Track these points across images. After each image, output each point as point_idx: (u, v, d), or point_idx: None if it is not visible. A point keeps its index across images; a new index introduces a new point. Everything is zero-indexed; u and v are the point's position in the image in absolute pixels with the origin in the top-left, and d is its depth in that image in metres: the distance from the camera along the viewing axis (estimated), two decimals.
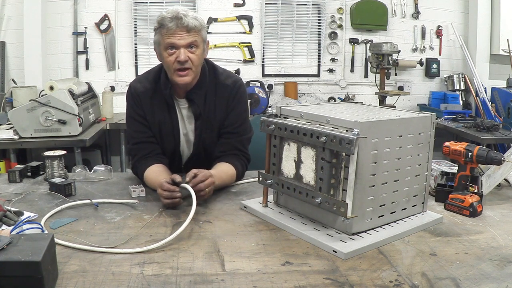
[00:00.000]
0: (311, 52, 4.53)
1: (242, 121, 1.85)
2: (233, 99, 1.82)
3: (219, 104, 1.81)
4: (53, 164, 1.79)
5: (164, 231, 1.33)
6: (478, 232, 1.34)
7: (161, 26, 1.66)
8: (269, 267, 1.12)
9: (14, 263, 0.92)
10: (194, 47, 1.69)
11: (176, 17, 1.63)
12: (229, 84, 1.82)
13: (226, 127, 1.82)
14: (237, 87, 1.83)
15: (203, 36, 1.72)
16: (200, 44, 1.71)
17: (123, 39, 4.25)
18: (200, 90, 1.79)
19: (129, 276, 1.06)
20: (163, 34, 1.67)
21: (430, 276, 1.07)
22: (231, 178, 1.77)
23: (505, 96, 3.91)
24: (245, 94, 1.88)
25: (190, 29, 1.66)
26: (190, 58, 1.68)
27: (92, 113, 3.55)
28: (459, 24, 4.60)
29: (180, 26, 1.64)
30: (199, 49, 1.70)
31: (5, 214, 1.34)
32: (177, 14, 1.63)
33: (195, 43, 1.69)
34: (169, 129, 1.82)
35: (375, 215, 1.30)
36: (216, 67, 1.87)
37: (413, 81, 4.66)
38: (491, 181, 1.66)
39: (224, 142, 1.83)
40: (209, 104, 1.81)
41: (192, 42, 1.67)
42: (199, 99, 1.79)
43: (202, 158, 1.86)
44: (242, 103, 1.85)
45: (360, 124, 1.19)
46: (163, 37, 1.67)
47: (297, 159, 1.35)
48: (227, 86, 1.82)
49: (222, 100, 1.81)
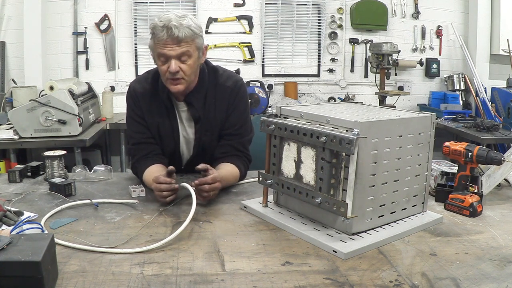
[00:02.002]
0: (311, 52, 4.53)
1: (243, 122, 1.83)
2: (233, 100, 1.80)
3: (219, 106, 1.80)
4: (53, 164, 1.79)
5: (164, 231, 1.33)
6: (478, 232, 1.34)
7: (153, 34, 1.63)
8: (269, 267, 1.12)
9: (14, 263, 0.92)
10: (186, 56, 1.63)
11: (167, 27, 1.57)
12: (229, 85, 1.80)
13: (227, 128, 1.81)
14: (237, 88, 1.81)
15: (197, 44, 1.65)
16: (193, 53, 1.65)
17: (123, 39, 4.25)
18: (198, 94, 1.77)
19: (129, 276, 1.06)
20: (155, 42, 1.64)
21: (430, 276, 1.07)
22: (235, 180, 1.77)
23: (505, 96, 3.91)
24: (245, 95, 1.87)
25: (181, 40, 1.59)
26: (181, 68, 1.64)
27: (92, 113, 3.55)
28: (459, 24, 4.60)
29: (171, 37, 1.58)
30: (191, 58, 1.65)
31: (5, 214, 1.34)
32: (168, 24, 1.57)
33: (187, 53, 1.63)
34: (169, 131, 1.81)
35: (375, 215, 1.30)
36: (217, 69, 1.84)
37: (413, 81, 4.66)
38: (491, 181, 1.66)
39: (225, 144, 1.82)
40: (209, 107, 1.79)
41: (183, 53, 1.62)
42: (198, 102, 1.77)
43: (202, 159, 1.85)
44: (242, 104, 1.83)
45: (360, 124, 1.19)
46: (155, 46, 1.64)
47: (297, 159, 1.35)
48: (227, 87, 1.80)
49: (223, 101, 1.80)
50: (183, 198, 1.58)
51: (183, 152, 1.89)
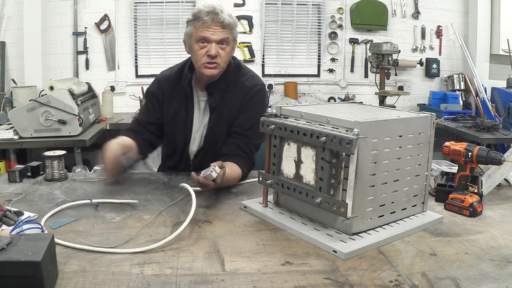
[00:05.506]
0: (311, 52, 4.53)
1: (252, 125, 1.79)
2: (248, 101, 1.82)
3: (234, 103, 1.83)
4: (53, 164, 1.79)
5: (164, 231, 1.33)
6: (478, 232, 1.34)
7: (196, 18, 1.70)
8: (269, 267, 1.12)
9: (14, 263, 0.92)
10: (225, 43, 1.73)
11: (213, 12, 1.67)
12: (249, 85, 1.84)
13: (235, 126, 1.83)
14: (255, 91, 1.83)
15: (234, 35, 1.76)
16: (231, 41, 1.75)
17: (123, 39, 4.25)
18: (221, 85, 1.82)
19: (129, 276, 1.06)
20: (197, 26, 1.70)
21: (430, 276, 1.07)
22: (235, 180, 1.76)
23: (505, 96, 3.91)
24: (262, 100, 1.87)
25: (225, 25, 1.70)
26: (219, 54, 1.72)
27: (92, 113, 3.55)
28: (459, 24, 4.60)
29: (215, 21, 1.68)
30: (229, 46, 1.75)
31: (5, 214, 1.34)
32: (214, 9, 1.68)
33: (227, 40, 1.72)
34: (184, 117, 1.86)
35: (375, 215, 1.30)
36: (241, 67, 1.90)
37: (413, 81, 4.66)
38: (491, 181, 1.66)
39: (231, 142, 1.82)
40: (226, 100, 1.82)
41: (224, 39, 1.71)
42: (218, 93, 1.82)
43: (210, 154, 1.85)
44: (256, 107, 1.83)
45: (360, 124, 1.19)
46: (197, 30, 1.70)
47: (297, 159, 1.35)
48: (245, 86, 1.83)
49: (238, 99, 1.83)
50: (183, 198, 1.58)
51: (194, 141, 1.90)
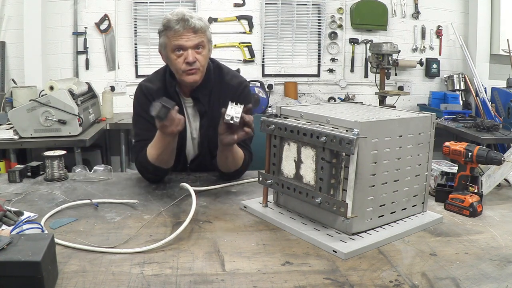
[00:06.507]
0: (311, 52, 4.53)
1: None
2: (237, 99, 1.81)
3: (223, 103, 1.81)
4: (53, 164, 1.79)
5: (164, 231, 1.33)
6: (478, 232, 1.34)
7: (167, 28, 1.68)
8: (269, 267, 1.12)
9: (14, 263, 0.92)
10: (201, 47, 1.72)
11: (183, 19, 1.65)
12: (234, 84, 1.85)
13: None
14: (241, 88, 1.86)
15: (208, 36, 1.75)
16: (206, 44, 1.74)
17: (123, 39, 4.25)
18: (205, 89, 1.81)
19: (129, 276, 1.06)
20: (169, 36, 1.68)
21: (430, 276, 1.07)
22: (240, 160, 1.76)
23: (505, 96, 3.91)
24: (249, 96, 1.90)
25: (197, 30, 1.68)
26: (197, 58, 1.71)
27: (92, 113, 3.55)
28: (459, 24, 4.60)
29: (187, 28, 1.66)
30: (205, 49, 1.74)
31: (5, 214, 1.34)
32: (183, 16, 1.65)
33: (202, 43, 1.71)
34: None
35: (375, 215, 1.30)
36: (221, 67, 1.90)
37: (413, 81, 4.66)
38: (491, 181, 1.66)
39: None
40: (214, 103, 1.82)
41: (199, 43, 1.70)
42: (204, 97, 1.81)
43: (207, 158, 1.87)
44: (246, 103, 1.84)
45: (360, 124, 1.19)
46: (170, 39, 1.69)
47: (297, 159, 1.35)
48: (232, 86, 1.84)
49: (226, 99, 1.81)
50: (183, 198, 1.58)
51: (188, 150, 1.91)
